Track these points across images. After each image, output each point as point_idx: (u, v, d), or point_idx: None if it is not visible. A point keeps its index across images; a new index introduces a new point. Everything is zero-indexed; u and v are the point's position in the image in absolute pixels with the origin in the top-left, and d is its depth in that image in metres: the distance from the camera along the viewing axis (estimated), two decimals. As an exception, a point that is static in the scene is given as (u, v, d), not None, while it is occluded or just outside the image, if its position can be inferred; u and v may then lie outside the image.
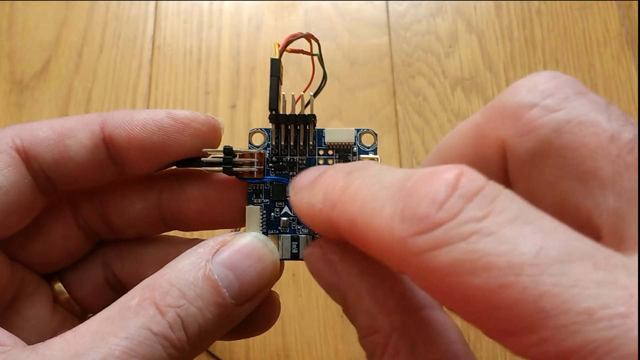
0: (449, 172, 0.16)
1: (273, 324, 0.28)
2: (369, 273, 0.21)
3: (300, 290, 0.50)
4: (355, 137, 0.26)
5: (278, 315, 0.28)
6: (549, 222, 0.15)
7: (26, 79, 0.57)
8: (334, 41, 0.59)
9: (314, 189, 0.21)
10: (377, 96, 0.57)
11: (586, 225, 0.17)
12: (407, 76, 0.58)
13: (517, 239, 0.15)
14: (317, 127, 0.27)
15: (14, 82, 0.57)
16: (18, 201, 0.25)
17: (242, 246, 0.24)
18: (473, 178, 0.16)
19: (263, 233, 0.26)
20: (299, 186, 0.23)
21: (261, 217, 0.27)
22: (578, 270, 0.14)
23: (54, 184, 0.26)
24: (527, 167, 0.19)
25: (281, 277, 0.27)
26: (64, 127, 0.26)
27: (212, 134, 0.27)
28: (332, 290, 0.22)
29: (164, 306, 0.22)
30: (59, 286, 0.29)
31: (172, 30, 0.60)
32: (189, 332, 0.22)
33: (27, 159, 0.25)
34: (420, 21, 0.60)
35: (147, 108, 0.56)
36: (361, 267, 0.21)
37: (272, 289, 0.26)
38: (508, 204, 0.16)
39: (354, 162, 0.24)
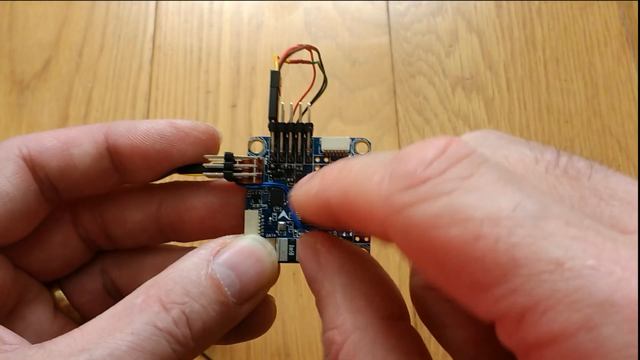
0: (440, 140, 0.17)
1: (269, 327, 0.29)
2: (348, 270, 0.22)
3: (300, 290, 0.50)
4: (350, 145, 0.28)
5: (274, 318, 0.29)
6: (529, 186, 0.16)
7: (26, 78, 0.57)
8: (334, 41, 0.59)
9: (312, 179, 0.22)
10: (377, 96, 0.57)
11: None
12: (408, 75, 0.58)
13: (497, 195, 0.15)
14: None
15: (14, 82, 0.57)
16: (24, 208, 0.26)
17: (243, 247, 0.25)
18: (462, 145, 0.17)
19: (261, 236, 0.27)
20: (299, 184, 0.24)
21: (259, 221, 0.27)
22: (551, 225, 0.15)
23: (58, 191, 0.27)
24: None
25: (282, 277, 0.27)
26: (69, 137, 0.26)
27: (212, 143, 0.27)
28: (312, 281, 0.23)
29: (169, 303, 0.22)
30: (59, 293, 0.30)
31: (172, 29, 0.60)
32: (193, 329, 0.23)
33: (34, 167, 0.26)
34: (420, 20, 0.60)
35: (148, 107, 0.57)
36: (342, 262, 0.22)
37: (270, 291, 0.27)
38: (493, 169, 0.16)
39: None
